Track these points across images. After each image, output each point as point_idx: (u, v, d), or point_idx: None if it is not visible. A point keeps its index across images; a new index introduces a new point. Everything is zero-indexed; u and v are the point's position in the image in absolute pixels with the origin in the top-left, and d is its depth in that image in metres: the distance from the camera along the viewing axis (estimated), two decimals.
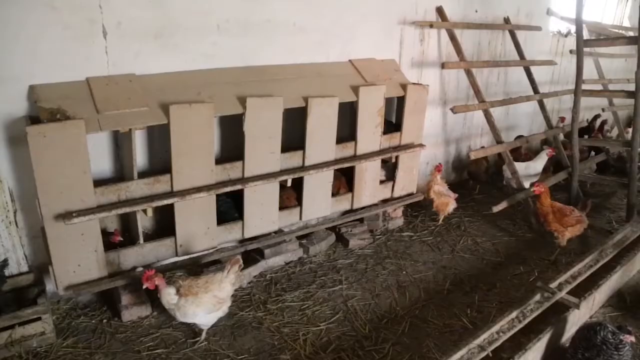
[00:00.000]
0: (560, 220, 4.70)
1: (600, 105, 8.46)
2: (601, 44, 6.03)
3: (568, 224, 4.70)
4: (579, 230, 4.81)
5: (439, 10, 5.65)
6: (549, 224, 4.73)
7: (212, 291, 3.25)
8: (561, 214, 4.72)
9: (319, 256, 4.61)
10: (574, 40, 5.53)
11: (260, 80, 4.22)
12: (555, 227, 4.72)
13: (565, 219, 4.70)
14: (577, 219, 4.74)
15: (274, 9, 4.32)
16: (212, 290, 3.25)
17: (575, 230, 4.78)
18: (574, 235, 4.82)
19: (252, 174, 4.06)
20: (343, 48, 4.89)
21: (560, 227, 4.70)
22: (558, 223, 4.70)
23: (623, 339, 3.05)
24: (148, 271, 3.21)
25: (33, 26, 3.26)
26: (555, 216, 4.70)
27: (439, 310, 3.91)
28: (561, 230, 4.71)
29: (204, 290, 3.22)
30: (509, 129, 7.46)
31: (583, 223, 4.81)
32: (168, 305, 3.23)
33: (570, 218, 4.71)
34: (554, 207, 4.74)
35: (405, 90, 4.86)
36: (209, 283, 3.27)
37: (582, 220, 4.80)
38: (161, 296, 3.21)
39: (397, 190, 5.19)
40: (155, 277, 3.18)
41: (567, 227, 4.71)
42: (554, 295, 3.66)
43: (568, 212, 4.73)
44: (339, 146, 4.54)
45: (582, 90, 5.60)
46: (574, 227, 4.74)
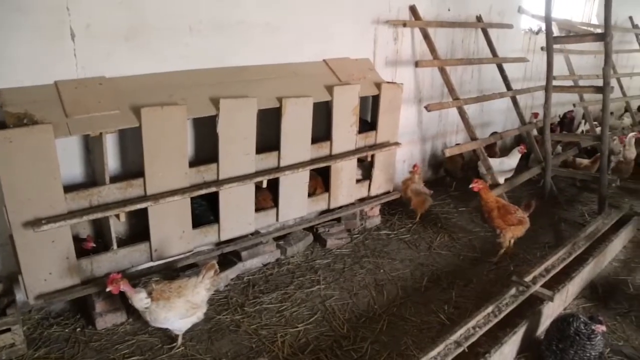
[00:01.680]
0: (504, 217, 4.60)
1: (572, 100, 8.64)
2: (570, 40, 6.14)
3: (510, 222, 4.61)
4: (521, 231, 4.71)
5: (412, 9, 5.69)
6: (493, 220, 4.62)
7: (185, 296, 3.20)
8: (505, 211, 4.63)
9: (296, 257, 4.60)
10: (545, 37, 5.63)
11: (234, 81, 4.19)
12: (498, 224, 4.61)
13: (508, 216, 4.60)
14: (519, 219, 4.65)
15: (247, 10, 4.29)
16: (185, 295, 3.20)
17: (517, 231, 4.68)
18: (516, 235, 4.71)
19: (227, 175, 4.03)
20: (317, 48, 4.88)
21: (503, 224, 4.61)
22: (501, 220, 4.60)
23: (595, 329, 3.12)
24: (114, 275, 3.14)
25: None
26: (500, 212, 4.61)
27: (416, 308, 3.93)
28: (503, 227, 4.61)
29: (177, 295, 3.17)
30: (484, 125, 7.56)
31: (525, 224, 4.72)
32: (141, 309, 3.17)
33: (513, 217, 4.61)
34: (499, 204, 4.67)
35: (380, 89, 4.88)
36: (183, 288, 3.22)
37: (525, 221, 4.71)
38: (132, 301, 3.16)
39: (373, 189, 5.21)
40: (120, 282, 3.10)
41: (510, 225, 4.61)
42: (528, 288, 3.72)
43: (512, 211, 4.65)
44: (315, 146, 4.53)
45: (552, 86, 5.69)
46: (516, 227, 4.64)
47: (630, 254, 5.05)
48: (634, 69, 11.67)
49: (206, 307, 3.39)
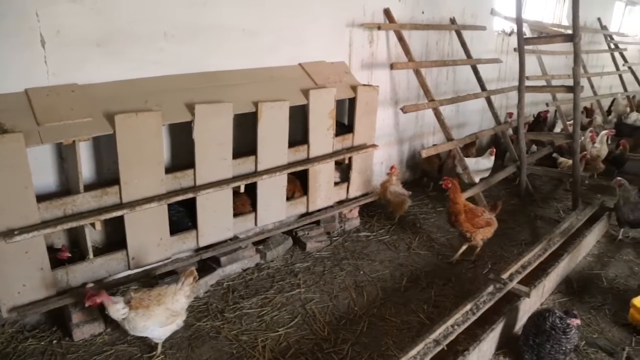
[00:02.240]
0: (472, 220, 4.53)
1: (546, 100, 8.81)
2: (541, 41, 6.27)
3: (478, 225, 4.55)
4: (490, 232, 4.68)
5: (386, 12, 5.74)
6: (461, 224, 4.53)
7: (165, 304, 3.17)
8: (472, 214, 4.57)
9: (276, 261, 4.59)
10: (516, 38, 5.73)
11: (210, 86, 4.17)
12: (466, 228, 4.53)
13: (476, 219, 4.54)
14: (487, 221, 4.61)
15: (222, 14, 4.28)
16: (165, 302, 3.17)
17: (486, 233, 4.64)
18: (485, 237, 4.67)
19: (204, 181, 4.01)
20: (293, 52, 4.90)
21: (471, 228, 4.53)
22: (469, 223, 4.53)
23: (570, 323, 3.19)
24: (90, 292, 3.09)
25: None
26: (467, 216, 4.53)
27: (396, 308, 3.95)
28: (472, 230, 4.54)
29: (156, 303, 3.13)
30: (460, 126, 7.66)
31: (493, 225, 4.68)
32: (118, 319, 3.13)
33: (480, 219, 4.56)
34: (466, 207, 4.60)
35: (356, 91, 4.91)
36: (162, 295, 3.18)
37: (492, 222, 4.67)
38: (109, 312, 3.11)
39: (352, 191, 5.24)
40: (98, 295, 3.06)
41: (478, 228, 4.55)
42: (505, 285, 3.78)
43: (479, 213, 4.60)
44: (292, 150, 4.54)
45: (525, 86, 5.79)
46: (484, 229, 4.60)
47: (604, 249, 5.17)
48: (604, 68, 11.97)
49: (186, 314, 3.36)
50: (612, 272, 4.69)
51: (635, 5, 14.13)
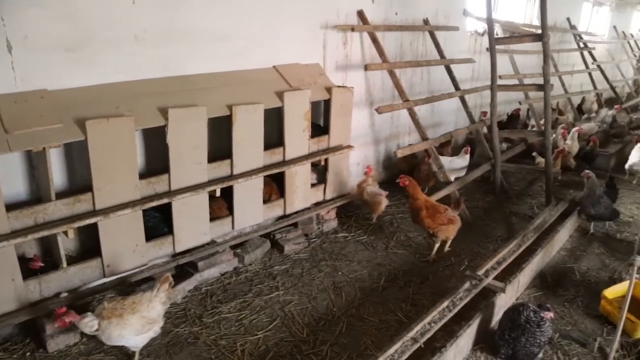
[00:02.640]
0: (433, 217, 4.53)
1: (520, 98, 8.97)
2: (511, 41, 6.39)
3: (440, 221, 4.54)
4: (452, 231, 4.67)
5: (359, 14, 5.78)
6: (422, 220, 4.53)
7: (140, 312, 3.12)
8: (434, 210, 4.57)
9: (254, 264, 4.57)
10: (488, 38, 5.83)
11: (183, 90, 4.14)
12: (427, 224, 4.53)
13: (437, 215, 4.54)
14: (449, 219, 4.60)
15: (194, 17, 4.25)
16: (140, 310, 3.12)
17: (449, 231, 4.64)
18: (448, 236, 4.68)
19: (179, 186, 3.98)
20: (267, 54, 4.89)
21: (433, 224, 4.53)
22: (430, 219, 4.53)
23: (543, 316, 3.26)
24: (58, 309, 3.02)
25: None
26: (428, 212, 4.53)
27: (374, 307, 3.97)
28: (434, 226, 4.53)
29: (131, 311, 3.08)
30: (435, 125, 7.75)
31: (456, 223, 4.67)
32: (91, 333, 3.07)
33: (442, 216, 4.56)
34: (428, 203, 4.60)
35: (331, 93, 4.93)
36: (137, 303, 3.13)
37: (455, 220, 4.67)
38: (80, 328, 3.06)
39: (329, 193, 5.25)
40: (66, 315, 3.00)
41: (440, 225, 4.55)
42: (481, 282, 3.83)
43: (441, 210, 4.60)
44: (268, 152, 4.54)
45: (497, 85, 5.89)
46: (447, 226, 4.59)
47: (576, 243, 5.29)
48: (574, 66, 12.23)
49: (163, 321, 3.31)
50: (585, 265, 4.80)
51: (601, 5, 14.50)
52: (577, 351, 3.57)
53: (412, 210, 4.64)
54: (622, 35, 15.41)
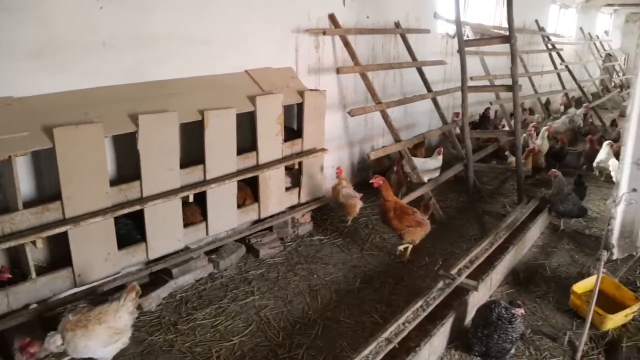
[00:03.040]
0: (401, 218, 4.52)
1: (491, 99, 9.15)
2: (480, 43, 6.51)
3: (408, 223, 4.53)
4: (420, 234, 4.64)
5: (331, 18, 5.81)
6: (390, 221, 4.54)
7: (106, 322, 3.04)
8: (402, 212, 4.56)
9: (229, 270, 4.55)
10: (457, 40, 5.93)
11: (154, 95, 4.11)
12: (395, 225, 4.54)
13: (405, 217, 4.53)
14: (417, 221, 4.59)
15: (164, 22, 4.22)
16: (106, 321, 3.05)
17: (417, 233, 4.61)
18: (416, 238, 4.64)
19: (151, 192, 3.94)
20: (239, 59, 4.88)
21: (400, 225, 4.53)
22: (398, 221, 4.52)
23: (515, 313, 3.32)
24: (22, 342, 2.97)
25: None
26: (396, 214, 4.53)
27: (350, 309, 3.99)
28: (402, 228, 4.53)
29: (96, 322, 3.02)
30: (409, 127, 7.83)
31: (424, 226, 4.66)
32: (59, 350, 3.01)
33: (410, 218, 4.55)
34: (397, 205, 4.60)
35: (303, 96, 4.95)
36: (103, 314, 3.06)
37: (424, 223, 4.65)
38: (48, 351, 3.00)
39: (303, 196, 5.26)
40: (30, 346, 2.95)
41: (408, 227, 4.53)
42: (454, 281, 3.89)
43: (410, 212, 4.59)
44: (241, 157, 4.52)
45: (468, 86, 5.99)
46: (415, 229, 4.57)
47: (547, 240, 5.40)
48: (544, 67, 12.51)
49: (131, 331, 3.23)
50: (555, 262, 4.90)
51: (568, 8, 14.88)
52: (548, 345, 3.65)
53: (382, 211, 4.68)
54: (589, 36, 15.84)
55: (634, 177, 3.96)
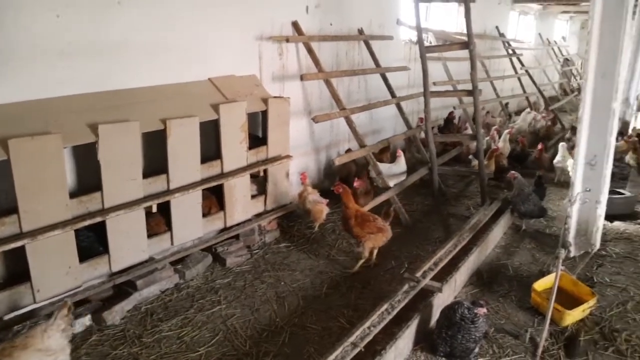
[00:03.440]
0: (362, 225, 4.54)
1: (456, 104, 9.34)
2: (440, 49, 6.65)
3: (369, 230, 4.55)
4: (381, 240, 4.66)
5: (294, 25, 5.85)
6: (351, 228, 4.56)
7: (33, 346, 2.86)
8: (363, 219, 4.58)
9: (196, 279, 4.50)
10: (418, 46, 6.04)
11: (115, 105, 4.05)
12: (356, 232, 4.55)
13: (367, 224, 4.55)
14: (378, 228, 4.60)
15: (125, 30, 4.17)
16: (33, 344, 2.87)
17: (378, 240, 4.63)
18: (376, 245, 4.67)
19: (113, 203, 3.87)
20: (203, 67, 4.86)
21: (362, 232, 4.55)
22: (359, 228, 4.54)
23: (477, 313, 3.38)
24: None
25: None
26: (357, 221, 4.54)
27: (317, 315, 4.01)
28: (362, 235, 4.55)
29: (22, 348, 2.82)
30: (375, 132, 7.91)
31: (386, 233, 4.67)
32: None
33: (372, 225, 4.56)
34: (358, 212, 4.62)
35: (267, 104, 4.96)
36: (30, 337, 2.89)
37: (385, 229, 4.66)
38: None
39: (269, 203, 5.26)
40: None
41: (369, 233, 4.56)
42: (419, 283, 3.94)
43: (371, 219, 4.61)
44: (205, 165, 4.50)
45: (430, 91, 6.10)
46: (376, 235, 4.59)
47: (510, 240, 5.54)
48: (505, 72, 12.85)
49: (69, 349, 3.06)
50: (517, 261, 5.03)
51: (527, 14, 15.35)
52: (510, 343, 3.73)
53: (343, 219, 4.68)
54: (547, 42, 16.35)
55: (587, 177, 4.10)
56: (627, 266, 4.91)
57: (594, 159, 4.05)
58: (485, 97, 10.93)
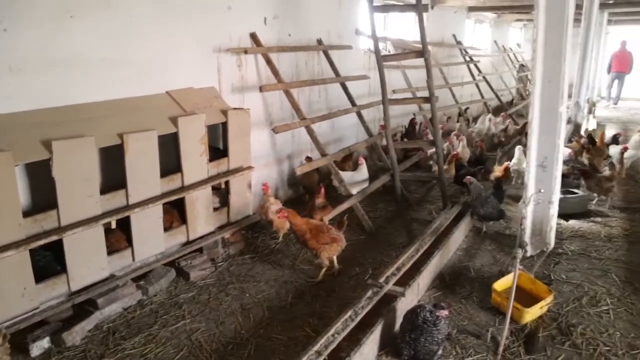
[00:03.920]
0: (317, 237, 4.56)
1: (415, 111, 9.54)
2: (396, 58, 6.80)
3: (324, 241, 4.57)
4: (337, 250, 4.71)
5: (252, 37, 5.88)
6: (307, 242, 4.57)
7: None
8: (317, 231, 4.59)
9: (159, 295, 4.43)
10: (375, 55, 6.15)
11: (70, 120, 3.97)
12: (312, 245, 4.57)
13: (321, 235, 4.57)
14: (333, 238, 4.64)
15: (78, 44, 4.10)
16: None
17: (333, 250, 4.67)
18: (332, 254, 4.70)
19: (70, 221, 3.79)
20: (160, 80, 4.82)
21: (317, 244, 4.56)
22: (315, 240, 4.55)
23: (439, 315, 3.44)
24: None
25: None
26: (312, 233, 4.56)
27: (283, 325, 4.00)
28: (318, 247, 4.57)
29: None
30: (337, 141, 7.99)
31: (340, 242, 4.72)
32: None
33: (326, 235, 4.59)
34: (310, 225, 4.63)
35: (227, 116, 4.95)
36: None
37: (339, 238, 4.71)
38: None
39: (232, 215, 5.23)
40: None
41: (324, 244, 4.57)
42: (382, 288, 3.99)
43: (325, 230, 4.64)
44: (165, 179, 4.45)
45: (388, 99, 6.22)
46: (331, 245, 4.63)
47: (471, 242, 5.67)
48: (464, 78, 13.20)
49: None
50: (479, 262, 5.15)
51: (482, 23, 15.83)
52: (473, 343, 3.81)
53: (297, 236, 4.68)
54: (503, 48, 16.89)
55: (540, 179, 4.26)
56: (581, 263, 5.10)
57: (545, 161, 4.21)
58: (445, 103, 11.24)
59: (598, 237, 5.75)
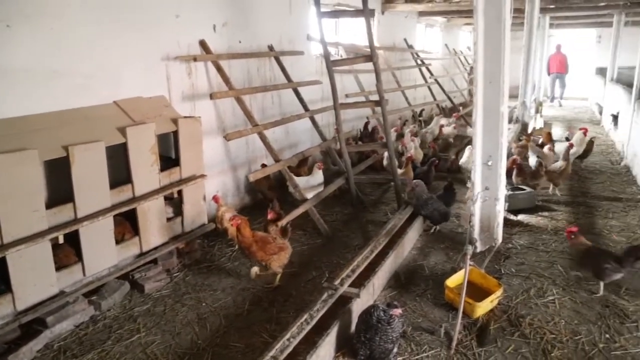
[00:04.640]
0: (264, 248, 4.57)
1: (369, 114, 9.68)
2: (345, 62, 6.89)
3: (271, 251, 4.59)
4: (285, 258, 4.73)
5: (202, 44, 5.85)
6: (254, 254, 4.56)
7: None
8: (263, 242, 4.60)
9: (113, 309, 4.34)
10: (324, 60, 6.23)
11: (11, 133, 3.85)
12: (260, 257, 4.56)
13: (268, 246, 4.59)
14: (279, 247, 4.67)
15: (18, 55, 3.99)
16: None
17: (281, 259, 4.68)
18: (282, 263, 4.71)
19: (14, 238, 3.66)
20: (107, 90, 4.73)
21: (265, 255, 4.57)
22: (262, 252, 4.56)
23: (392, 314, 3.51)
24: None
25: None
26: (258, 245, 4.56)
27: (240, 333, 3.99)
28: (266, 258, 4.57)
29: None
30: (292, 146, 8.02)
31: (286, 250, 4.75)
32: None
33: (273, 245, 4.62)
34: (256, 237, 4.61)
35: (177, 124, 4.90)
36: None
37: (285, 246, 4.75)
38: None
39: (187, 225, 5.17)
40: None
41: (272, 255, 4.59)
42: (337, 291, 4.04)
43: (270, 240, 4.66)
44: (115, 191, 4.37)
45: (340, 104, 6.30)
46: (278, 255, 4.64)
47: (425, 241, 5.80)
48: (416, 81, 13.50)
49: None
50: (433, 261, 5.28)
51: (432, 27, 16.24)
52: (427, 339, 3.90)
53: (241, 248, 4.65)
54: (453, 52, 17.38)
55: (486, 177, 4.43)
56: (529, 256, 5.30)
57: (490, 159, 4.38)
58: (398, 106, 11.46)
59: (545, 231, 5.99)
